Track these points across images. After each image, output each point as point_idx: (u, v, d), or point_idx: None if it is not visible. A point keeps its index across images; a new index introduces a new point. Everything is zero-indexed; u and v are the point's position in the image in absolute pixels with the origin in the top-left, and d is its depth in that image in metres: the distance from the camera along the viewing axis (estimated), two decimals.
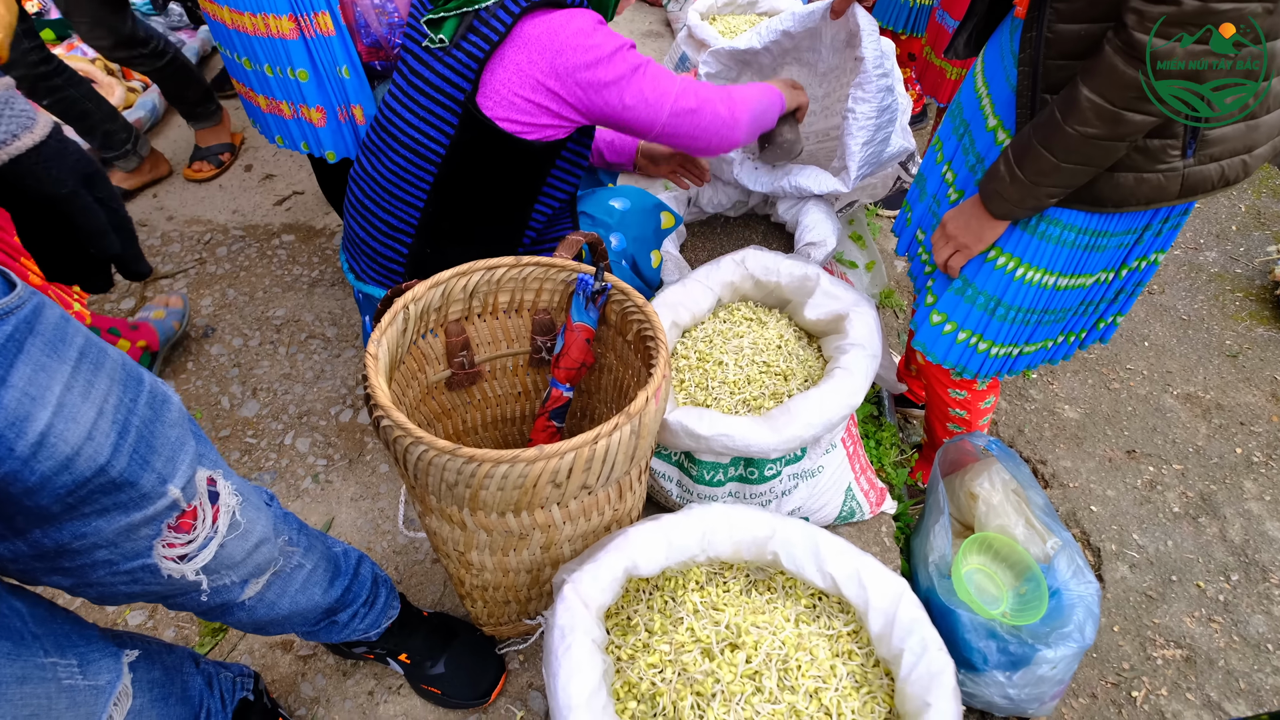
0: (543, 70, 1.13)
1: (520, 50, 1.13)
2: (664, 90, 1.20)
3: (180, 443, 0.73)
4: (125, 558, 0.72)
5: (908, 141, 1.73)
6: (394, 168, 1.24)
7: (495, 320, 1.19)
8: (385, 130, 1.25)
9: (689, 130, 1.25)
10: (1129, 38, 0.89)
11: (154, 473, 0.69)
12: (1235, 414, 2.08)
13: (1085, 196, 1.10)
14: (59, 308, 0.65)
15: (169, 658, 0.96)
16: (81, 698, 0.75)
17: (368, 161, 1.29)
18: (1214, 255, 2.58)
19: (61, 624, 0.77)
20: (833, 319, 1.45)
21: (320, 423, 1.64)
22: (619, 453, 0.91)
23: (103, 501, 0.67)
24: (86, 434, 0.63)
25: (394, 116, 1.23)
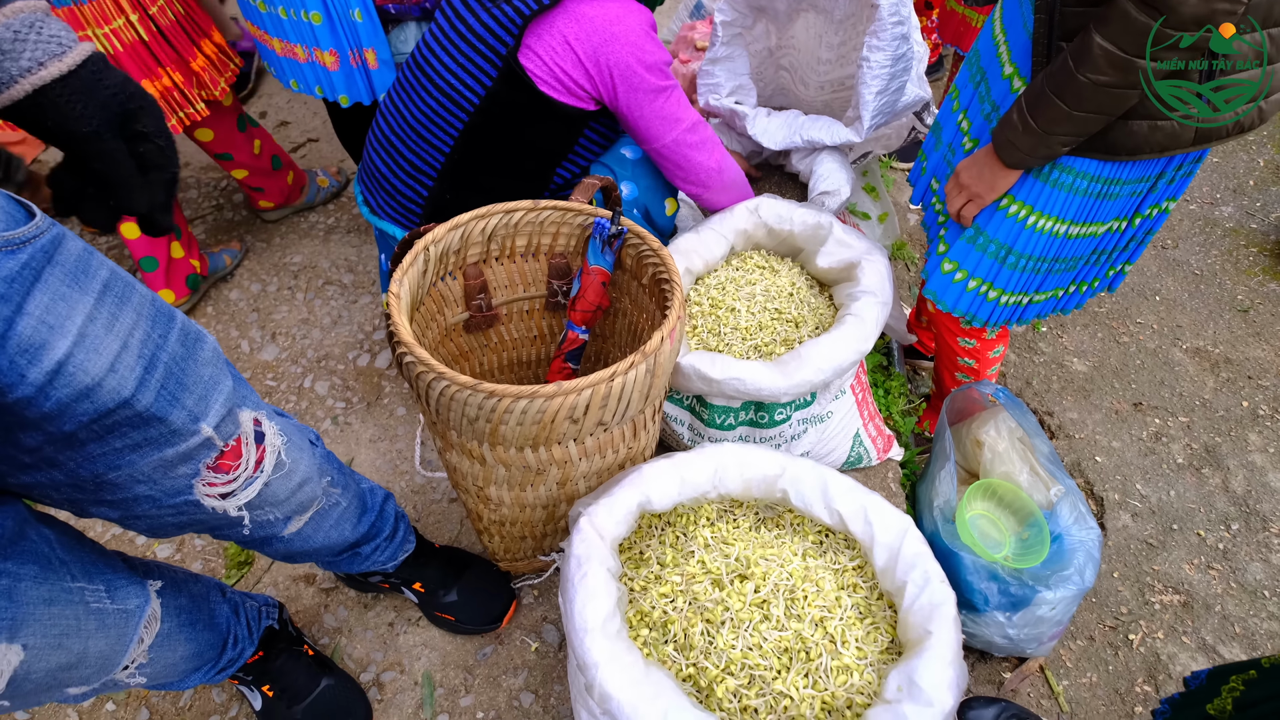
0: (586, 52, 1.17)
1: (572, 24, 1.15)
2: (680, 117, 1.29)
3: (214, 382, 0.74)
4: (166, 494, 0.74)
5: (923, 90, 1.71)
6: (426, 109, 1.24)
7: (512, 264, 1.21)
8: (421, 70, 1.25)
9: (679, 161, 1.35)
10: None
11: (184, 410, 0.70)
12: (1244, 368, 2.09)
13: (1099, 144, 1.10)
14: (82, 240, 0.65)
15: (195, 586, 1.01)
16: (111, 620, 0.78)
17: (399, 98, 1.29)
18: (1230, 210, 2.54)
19: (89, 553, 0.80)
20: (845, 267, 1.46)
21: (338, 367, 1.68)
22: (634, 390, 0.94)
23: (132, 436, 0.68)
24: (109, 366, 0.63)
25: (431, 58, 1.24)
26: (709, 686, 0.94)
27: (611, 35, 1.17)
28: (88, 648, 0.76)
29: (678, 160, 1.36)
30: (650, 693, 0.85)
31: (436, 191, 1.29)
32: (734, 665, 0.94)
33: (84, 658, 0.76)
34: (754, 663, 0.94)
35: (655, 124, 1.28)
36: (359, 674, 1.27)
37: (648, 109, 1.25)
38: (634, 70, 1.20)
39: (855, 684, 0.93)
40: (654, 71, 1.22)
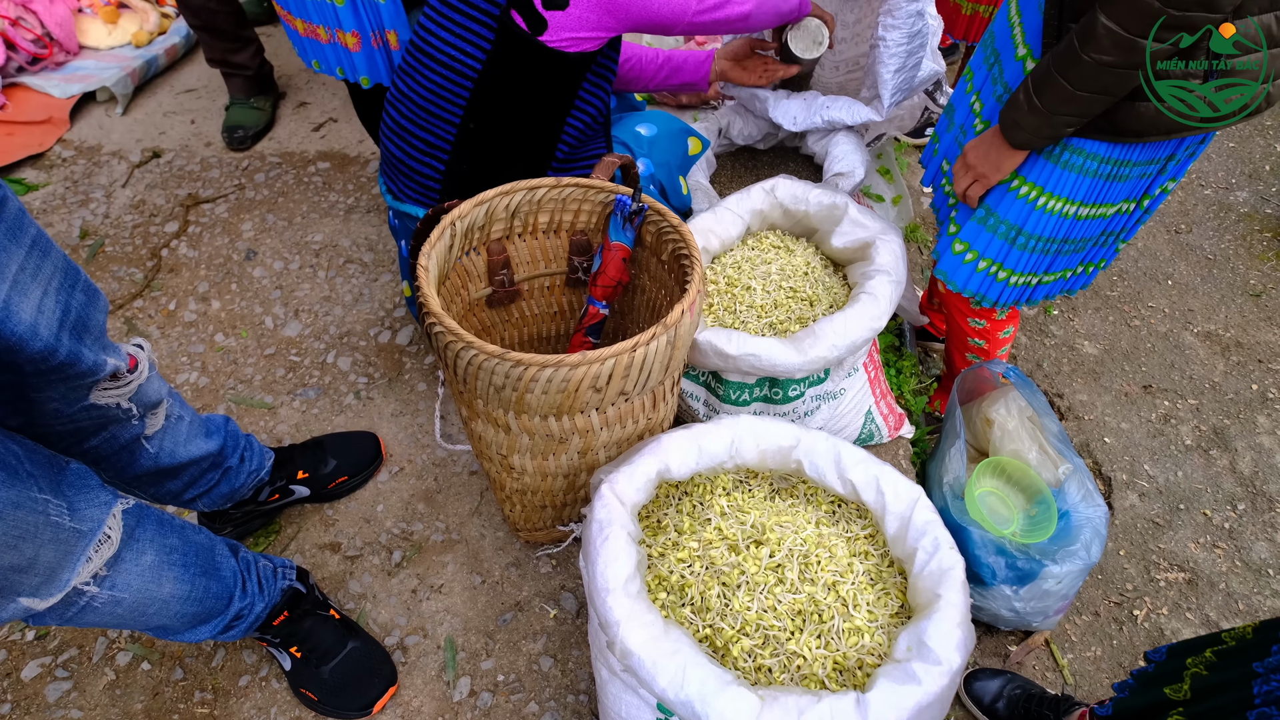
0: None
1: None
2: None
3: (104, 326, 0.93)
4: (69, 404, 0.92)
5: (938, 64, 1.72)
6: (431, 85, 1.26)
7: (535, 240, 1.24)
8: (421, 50, 1.27)
9: (712, 21, 1.31)
10: None
11: (90, 351, 0.87)
12: (1254, 352, 2.10)
13: (1107, 126, 1.11)
14: (18, 200, 0.78)
15: (194, 534, 1.05)
16: (64, 535, 0.84)
17: (404, 83, 1.31)
18: (1245, 195, 2.54)
19: (59, 471, 0.87)
20: (859, 246, 1.48)
21: (360, 343, 1.72)
22: (655, 361, 0.97)
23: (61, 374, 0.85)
24: (37, 307, 0.78)
25: (429, 36, 1.25)
26: (725, 646, 0.98)
27: None
28: (39, 555, 0.81)
29: (709, 20, 1.31)
30: (669, 648, 0.88)
31: (452, 164, 1.31)
32: (749, 626, 0.98)
33: (34, 563, 0.81)
34: (768, 624, 0.97)
35: (665, 8, 1.23)
36: (383, 638, 1.32)
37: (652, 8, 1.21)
38: None
39: (866, 645, 0.97)
40: None
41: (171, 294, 1.81)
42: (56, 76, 2.20)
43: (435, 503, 1.48)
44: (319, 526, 1.44)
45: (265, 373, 1.66)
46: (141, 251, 1.89)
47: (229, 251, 1.89)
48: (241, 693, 1.26)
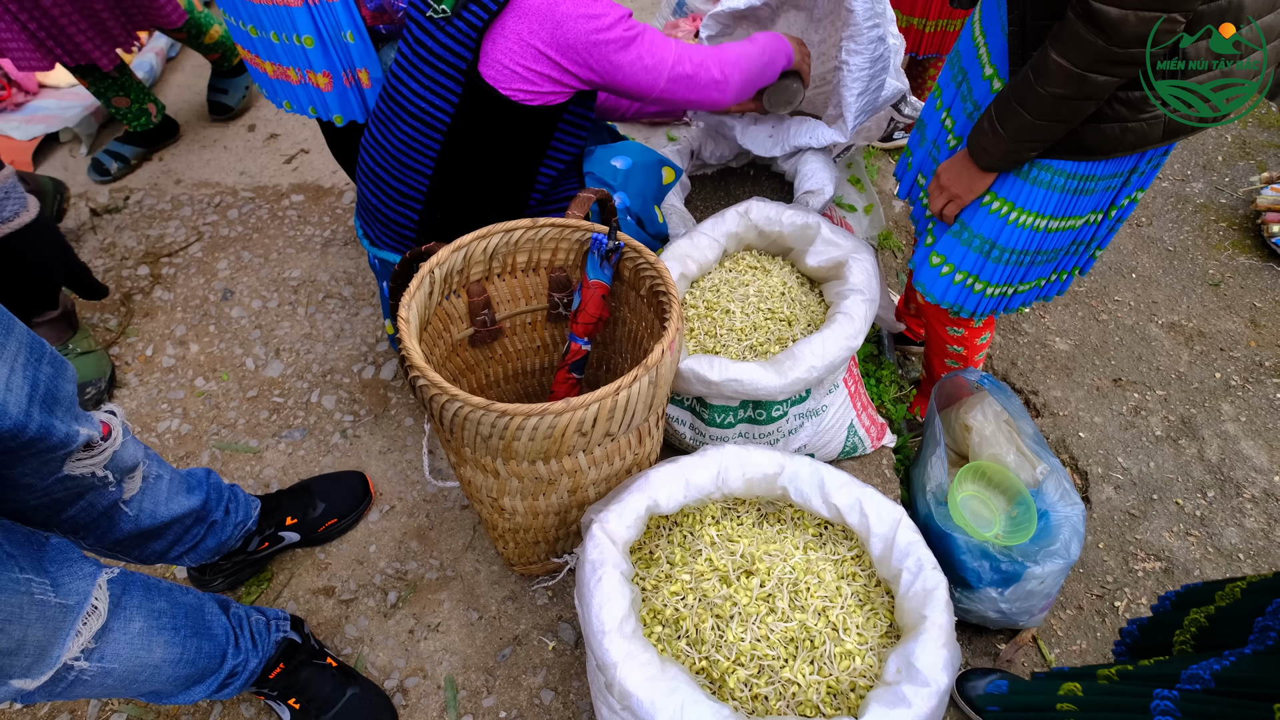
0: (544, 41, 1.15)
1: (520, 20, 1.15)
2: (661, 57, 1.24)
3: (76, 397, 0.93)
4: (43, 479, 0.91)
5: (901, 82, 1.75)
6: (403, 137, 1.27)
7: (514, 279, 1.25)
8: (393, 100, 1.27)
9: (684, 94, 1.30)
10: (1086, 6, 0.94)
11: (62, 423, 0.87)
12: (1216, 340, 2.17)
13: (1073, 146, 1.15)
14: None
15: (182, 595, 1.05)
16: (51, 613, 0.84)
17: (377, 130, 1.32)
18: (1200, 186, 2.61)
19: (39, 548, 0.87)
20: (833, 265, 1.51)
21: (344, 380, 1.71)
22: (639, 402, 0.99)
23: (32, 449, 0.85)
24: (4, 385, 0.78)
25: (400, 87, 1.26)
26: (721, 678, 1.00)
27: (562, 16, 1.14)
28: (27, 635, 0.81)
29: (683, 96, 1.31)
30: (667, 688, 0.90)
31: (426, 214, 1.32)
32: (744, 657, 1.00)
33: (23, 645, 0.81)
34: (762, 653, 1.00)
35: (640, 76, 1.23)
36: (383, 681, 1.32)
37: (626, 66, 1.21)
38: (595, 36, 1.16)
39: (858, 668, 1.00)
40: (615, 28, 1.18)
41: (148, 339, 1.79)
42: (16, 118, 2.17)
43: (428, 540, 1.48)
44: (311, 571, 1.44)
45: (249, 416, 1.65)
46: (114, 296, 1.87)
47: (205, 292, 1.88)
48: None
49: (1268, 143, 2.79)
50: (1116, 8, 0.93)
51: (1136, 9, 0.93)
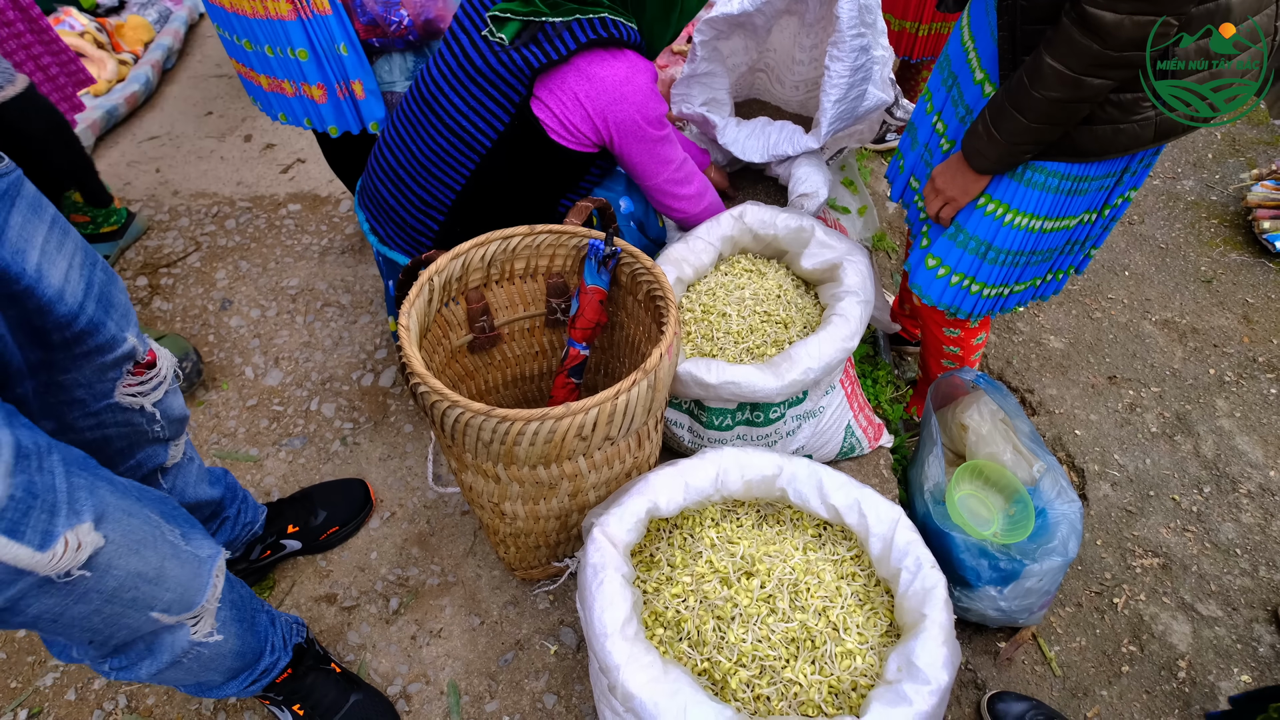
0: (595, 109, 1.23)
1: (583, 83, 1.21)
2: (670, 159, 1.40)
3: (129, 308, 0.95)
4: (95, 398, 0.92)
5: (885, 94, 1.76)
6: (436, 148, 1.28)
7: (512, 285, 1.26)
8: (429, 107, 1.28)
9: (666, 195, 1.47)
10: (1080, 10, 0.95)
11: (114, 322, 0.90)
12: (1209, 337, 2.18)
13: (1067, 148, 1.16)
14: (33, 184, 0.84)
15: (243, 589, 1.09)
16: (185, 556, 0.89)
17: (404, 132, 1.32)
18: (1191, 184, 2.63)
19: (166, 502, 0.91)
20: (828, 268, 1.52)
21: (343, 388, 1.72)
22: (638, 406, 1.00)
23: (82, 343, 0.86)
24: (64, 276, 0.82)
25: (439, 96, 1.27)
26: (723, 679, 1.00)
27: (620, 95, 1.23)
28: (165, 567, 0.86)
29: (665, 194, 1.46)
30: (670, 689, 0.91)
31: (447, 224, 1.33)
32: (745, 658, 1.01)
33: (163, 576, 0.85)
34: (764, 654, 1.00)
35: (650, 166, 1.38)
36: (385, 688, 1.33)
37: (645, 156, 1.34)
38: (638, 126, 1.28)
39: (858, 667, 1.01)
40: (654, 124, 1.31)
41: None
42: None
43: (429, 546, 1.49)
44: (313, 579, 1.45)
45: (249, 425, 1.66)
46: None
47: (204, 302, 1.89)
48: None
49: (1257, 140, 2.81)
50: (1111, 12, 0.95)
51: (1131, 13, 0.94)
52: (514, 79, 1.22)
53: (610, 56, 1.23)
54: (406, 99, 1.35)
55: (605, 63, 1.22)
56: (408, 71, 1.56)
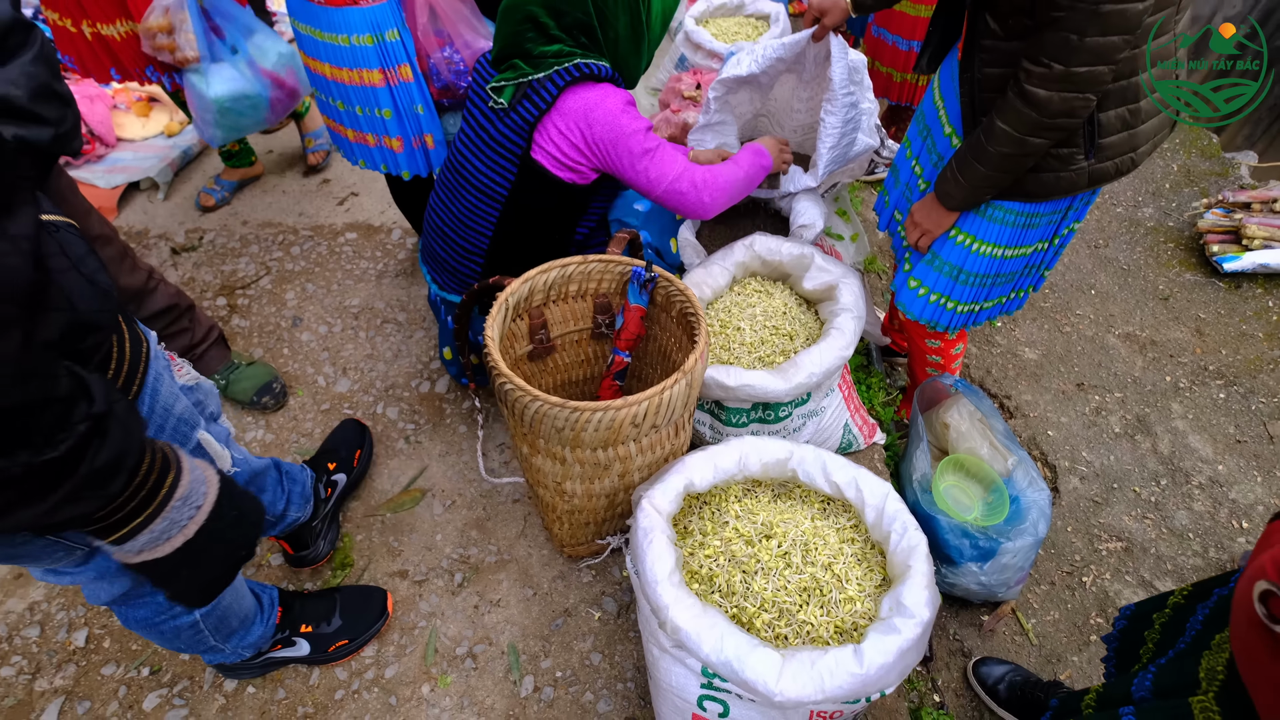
0: (578, 137, 1.42)
1: (563, 119, 1.41)
2: (665, 171, 1.46)
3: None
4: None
5: (872, 139, 2.04)
6: (466, 205, 1.54)
7: (565, 305, 1.51)
8: (458, 173, 1.54)
9: (676, 204, 1.52)
10: (1021, 88, 1.22)
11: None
12: (1166, 348, 2.44)
13: (1018, 191, 1.43)
14: None
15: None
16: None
17: (445, 196, 1.58)
18: (1150, 211, 2.92)
19: None
20: (826, 288, 1.78)
21: (404, 394, 1.96)
22: (678, 400, 1.25)
23: None
24: None
25: (464, 163, 1.53)
26: (749, 621, 1.24)
27: (593, 119, 1.40)
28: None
29: (675, 204, 1.56)
30: (709, 623, 1.15)
31: (487, 266, 1.58)
32: (767, 603, 1.25)
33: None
34: (782, 600, 1.24)
35: (647, 178, 1.47)
36: (454, 649, 1.55)
37: (639, 169, 1.44)
38: (619, 142, 1.42)
39: (859, 610, 1.24)
40: (635, 138, 1.42)
41: None
42: (99, 169, 2.44)
43: (486, 529, 1.72)
44: (387, 558, 1.68)
45: (324, 426, 1.90)
46: None
47: (277, 320, 2.13)
48: (338, 705, 1.49)
49: (1209, 171, 3.11)
50: (1044, 90, 1.21)
51: (1060, 92, 1.21)
52: (515, 135, 1.44)
53: (584, 89, 1.40)
54: (444, 167, 1.60)
55: (579, 94, 1.40)
56: None
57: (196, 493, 0.71)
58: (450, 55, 1.65)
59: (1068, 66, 1.17)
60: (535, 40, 1.41)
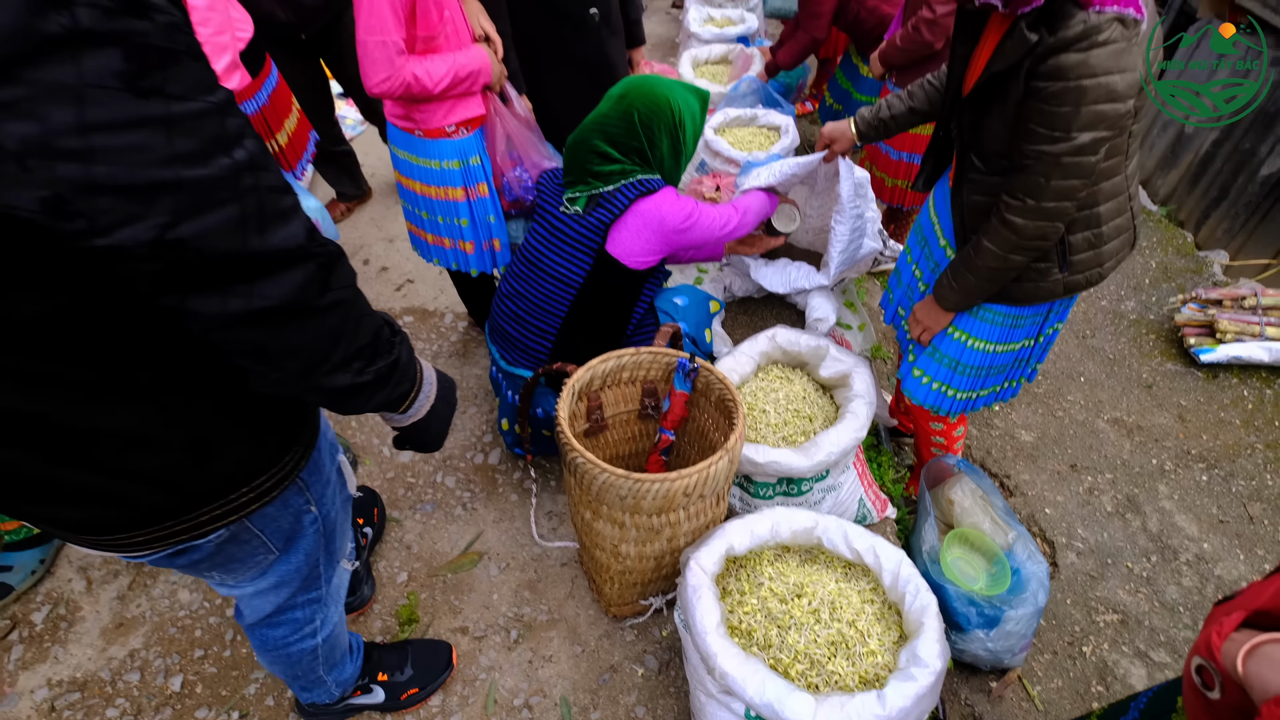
0: (653, 231, 1.74)
1: (638, 219, 1.74)
2: (711, 226, 1.85)
3: None
4: None
5: (876, 243, 2.34)
6: (541, 291, 1.81)
7: (619, 389, 1.75)
8: (533, 265, 1.82)
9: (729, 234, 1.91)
10: (1002, 216, 1.49)
11: None
12: (1151, 433, 2.66)
13: (1004, 297, 1.68)
14: None
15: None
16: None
17: (519, 286, 1.85)
18: (1132, 304, 3.20)
19: None
20: (840, 377, 2.02)
21: (460, 465, 2.18)
22: (721, 474, 1.46)
23: None
24: None
25: (540, 257, 1.81)
26: (785, 671, 1.42)
27: (664, 216, 1.75)
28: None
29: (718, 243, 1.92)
30: (752, 669, 1.33)
31: (558, 344, 1.84)
32: (800, 655, 1.42)
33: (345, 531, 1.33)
34: (813, 652, 1.42)
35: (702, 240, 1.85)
36: (511, 700, 1.71)
37: (695, 239, 1.83)
38: (676, 228, 1.77)
39: (879, 662, 1.42)
40: (690, 218, 1.79)
41: None
42: None
43: (537, 590, 1.90)
44: (449, 614, 1.85)
45: (389, 493, 2.10)
46: None
47: None
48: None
49: (1185, 268, 3.40)
50: (1021, 219, 1.48)
51: (1033, 221, 1.48)
52: (592, 234, 1.75)
53: (650, 197, 1.76)
54: (515, 262, 1.88)
55: (649, 201, 1.75)
56: (526, 230, 2.12)
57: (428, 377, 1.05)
58: (520, 175, 1.95)
59: (1039, 202, 1.44)
60: (599, 163, 1.75)
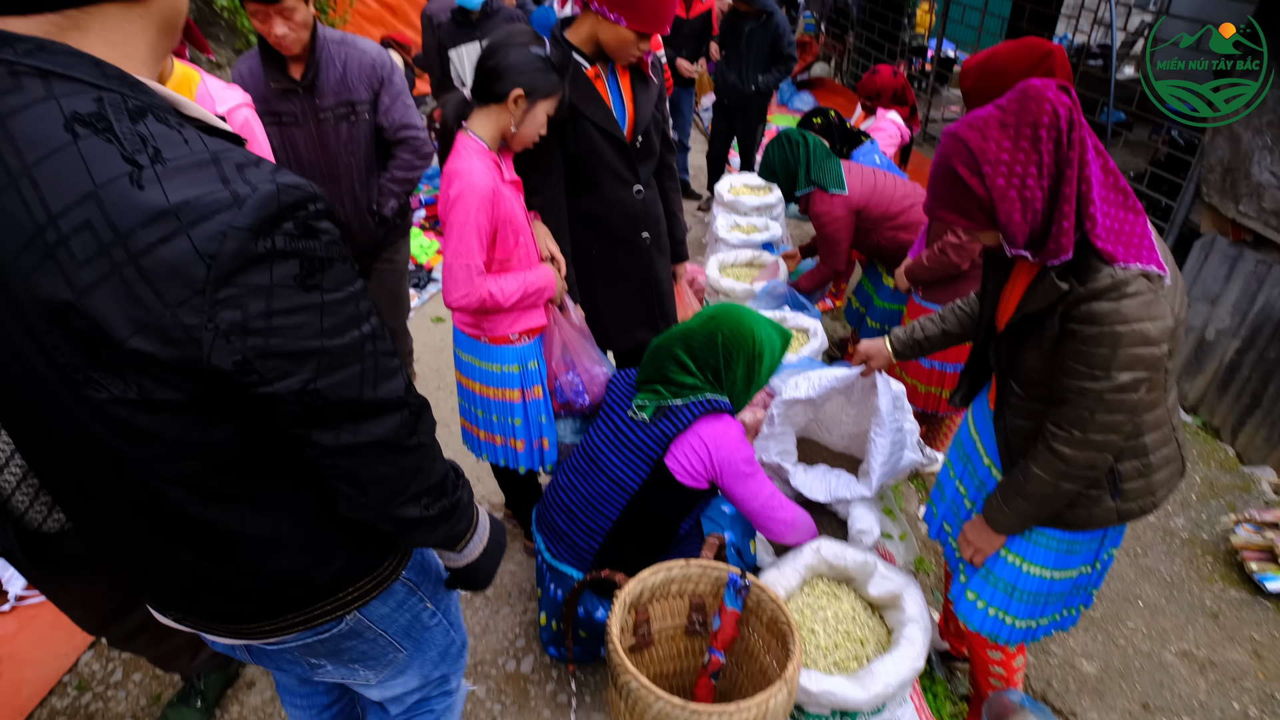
0: (707, 456, 1.80)
1: (697, 439, 1.80)
2: (759, 491, 1.84)
3: None
4: None
5: (916, 455, 2.37)
6: (596, 490, 1.84)
7: (665, 603, 1.70)
8: (592, 461, 1.87)
9: (762, 523, 1.89)
10: (1048, 444, 1.52)
11: None
12: (1227, 670, 2.47)
13: (1057, 521, 1.67)
14: None
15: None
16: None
17: (575, 481, 1.89)
18: (1182, 522, 3.11)
19: None
20: (891, 597, 1.95)
21: (491, 671, 2.07)
22: (780, 708, 1.38)
23: None
24: None
25: (599, 456, 1.86)
26: None
27: (720, 443, 1.80)
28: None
29: (763, 518, 1.93)
30: None
31: (606, 545, 1.83)
32: None
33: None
34: None
35: (746, 495, 1.86)
36: None
37: (741, 487, 1.85)
38: (734, 463, 1.81)
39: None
40: (745, 463, 1.84)
41: None
42: None
43: None
44: None
45: None
46: None
47: None
48: None
49: (1231, 484, 3.34)
50: (1069, 449, 1.51)
51: (1081, 451, 1.51)
52: (655, 444, 1.80)
53: (714, 419, 1.82)
54: (575, 456, 1.93)
55: (712, 424, 1.81)
56: (573, 430, 2.19)
57: (483, 521, 1.14)
58: (573, 379, 2.06)
59: (1085, 434, 1.48)
60: (675, 370, 1.85)
